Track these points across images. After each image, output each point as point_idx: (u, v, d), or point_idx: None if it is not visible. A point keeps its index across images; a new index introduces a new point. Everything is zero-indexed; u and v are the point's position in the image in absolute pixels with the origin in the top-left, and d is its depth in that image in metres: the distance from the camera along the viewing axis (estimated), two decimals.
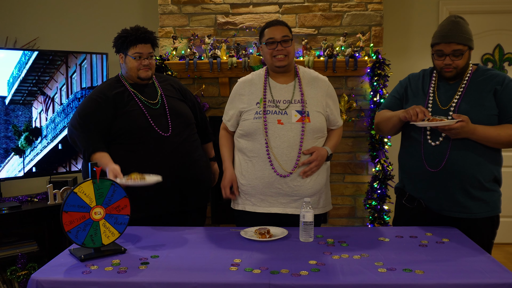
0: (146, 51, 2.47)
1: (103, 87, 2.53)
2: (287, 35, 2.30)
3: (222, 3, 3.75)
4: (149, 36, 2.49)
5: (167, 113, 2.51)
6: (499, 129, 2.13)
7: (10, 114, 3.29)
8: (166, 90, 2.60)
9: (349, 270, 1.72)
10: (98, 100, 2.46)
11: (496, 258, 1.87)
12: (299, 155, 2.27)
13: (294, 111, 2.29)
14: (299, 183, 2.28)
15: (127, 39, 2.45)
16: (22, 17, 4.20)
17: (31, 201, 3.31)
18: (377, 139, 3.63)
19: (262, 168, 2.29)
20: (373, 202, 3.61)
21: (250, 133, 2.31)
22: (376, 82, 3.58)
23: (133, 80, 2.53)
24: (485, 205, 2.19)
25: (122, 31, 2.50)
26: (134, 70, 2.48)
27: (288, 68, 2.35)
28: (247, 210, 2.36)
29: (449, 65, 2.18)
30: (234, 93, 2.44)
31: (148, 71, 2.50)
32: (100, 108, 2.44)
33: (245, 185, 2.35)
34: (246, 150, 2.35)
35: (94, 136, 2.41)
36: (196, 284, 1.62)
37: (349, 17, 3.72)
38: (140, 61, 2.47)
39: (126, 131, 2.44)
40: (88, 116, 2.44)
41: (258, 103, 2.33)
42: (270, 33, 2.31)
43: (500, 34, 4.21)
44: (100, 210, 1.88)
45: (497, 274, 1.67)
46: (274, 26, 2.32)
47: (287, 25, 2.37)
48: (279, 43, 2.29)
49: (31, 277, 1.67)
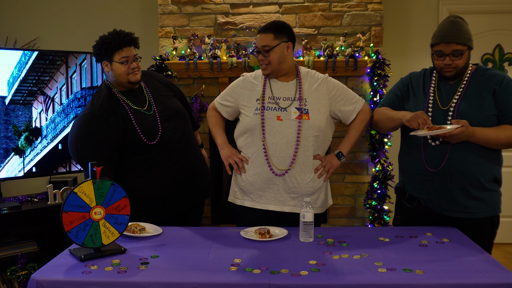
0: (132, 54, 2.36)
1: (93, 114, 2.34)
2: (267, 45, 2.27)
3: (222, 3, 3.75)
4: (132, 38, 2.38)
5: (157, 116, 2.42)
6: (498, 131, 2.13)
7: (10, 114, 3.29)
8: (155, 89, 2.54)
9: (349, 270, 1.72)
10: (100, 133, 2.32)
11: (496, 258, 1.87)
12: (295, 152, 2.27)
13: (294, 108, 2.29)
14: (297, 180, 2.29)
15: (111, 45, 2.31)
16: (22, 17, 4.20)
17: (31, 201, 3.31)
18: (377, 139, 3.63)
19: (260, 164, 2.30)
20: (373, 202, 3.61)
21: (249, 129, 2.33)
22: (376, 82, 3.58)
23: (124, 86, 2.42)
24: (485, 205, 2.19)
25: (102, 38, 2.35)
26: (123, 75, 2.36)
27: (277, 74, 2.34)
28: (245, 205, 2.37)
29: (449, 65, 2.18)
30: (236, 85, 2.44)
31: (137, 73, 2.39)
32: (108, 139, 2.33)
33: (244, 181, 2.36)
34: (245, 147, 2.36)
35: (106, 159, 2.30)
36: (196, 284, 1.62)
37: (349, 17, 3.72)
38: (128, 65, 2.35)
39: (135, 144, 2.36)
40: (93, 157, 2.22)
41: (258, 100, 2.34)
42: (256, 41, 2.35)
43: (500, 34, 4.21)
44: (100, 210, 1.88)
45: (497, 274, 1.67)
46: (260, 33, 2.32)
47: (277, 28, 2.29)
48: (260, 52, 2.30)
49: (31, 277, 1.67)
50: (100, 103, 2.37)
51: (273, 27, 2.31)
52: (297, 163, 2.28)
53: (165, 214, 2.48)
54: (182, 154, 2.48)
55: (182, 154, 2.48)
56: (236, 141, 2.43)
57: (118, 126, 2.34)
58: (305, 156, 2.29)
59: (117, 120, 2.35)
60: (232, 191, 2.47)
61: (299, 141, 2.27)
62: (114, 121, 2.34)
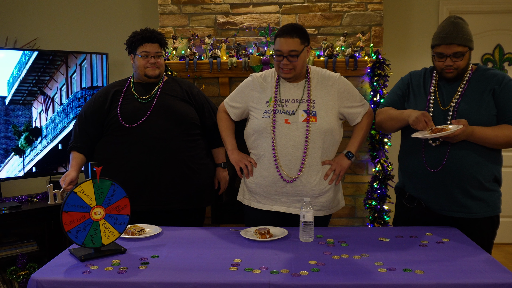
0: (153, 50, 2.55)
1: (110, 84, 2.71)
2: (295, 49, 2.21)
3: (222, 3, 3.75)
4: (156, 36, 2.57)
5: (150, 108, 2.52)
6: (497, 130, 2.13)
7: (10, 114, 3.29)
8: (169, 89, 2.61)
9: (349, 270, 1.72)
10: (97, 95, 2.63)
11: (496, 258, 1.87)
12: (304, 155, 2.26)
13: (302, 110, 2.28)
14: (302, 183, 2.28)
15: (135, 40, 2.56)
16: (22, 17, 4.19)
17: (31, 201, 3.31)
18: (377, 139, 3.62)
19: (267, 167, 2.30)
20: (373, 202, 3.61)
21: (258, 131, 2.32)
22: (376, 82, 3.58)
23: (141, 79, 2.61)
24: (485, 205, 2.19)
25: (132, 33, 2.61)
26: (141, 68, 2.56)
27: (297, 78, 2.33)
28: (252, 206, 2.38)
29: (450, 66, 2.17)
30: (246, 87, 2.43)
31: (156, 69, 2.57)
32: (95, 104, 2.58)
33: (251, 183, 2.37)
34: (254, 148, 2.37)
35: (80, 133, 2.58)
36: (196, 284, 1.62)
37: (349, 17, 3.72)
38: (147, 59, 2.54)
39: (108, 124, 2.54)
40: (83, 112, 2.62)
41: (268, 102, 2.33)
42: (279, 45, 2.24)
43: (500, 34, 4.21)
44: (100, 210, 1.88)
45: (497, 274, 1.67)
46: (284, 37, 2.22)
47: (301, 32, 2.25)
48: (285, 57, 2.23)
49: (31, 277, 1.67)
50: (110, 84, 2.73)
51: (298, 31, 2.24)
52: (304, 166, 2.27)
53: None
54: (156, 152, 2.46)
55: (156, 151, 2.46)
56: (246, 141, 2.44)
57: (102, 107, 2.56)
58: (312, 159, 2.27)
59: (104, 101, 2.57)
60: (241, 190, 2.48)
61: (308, 144, 2.26)
62: (101, 101, 2.57)
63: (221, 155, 2.73)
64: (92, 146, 2.58)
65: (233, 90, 2.48)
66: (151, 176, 2.47)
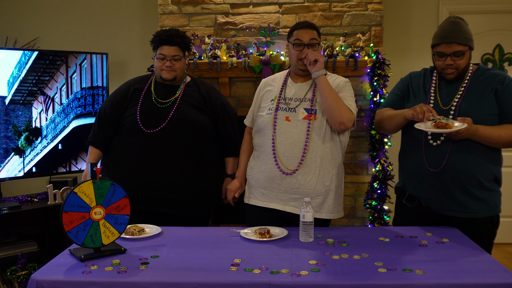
0: (170, 53, 2.50)
1: (131, 80, 2.71)
2: (315, 38, 2.30)
3: (222, 3, 3.75)
4: (174, 39, 2.49)
5: (170, 115, 2.50)
6: (500, 130, 2.13)
7: (10, 114, 3.29)
8: (189, 96, 2.58)
9: (349, 270, 1.72)
10: (117, 92, 2.65)
11: (496, 258, 1.87)
12: (303, 153, 2.27)
13: (302, 109, 2.30)
14: (299, 181, 2.28)
15: (155, 41, 2.54)
16: (22, 17, 4.20)
17: (31, 201, 3.31)
18: (377, 139, 3.63)
19: (266, 163, 2.32)
20: (373, 202, 3.61)
21: (261, 128, 2.36)
22: (376, 82, 3.58)
23: (158, 79, 2.61)
24: (485, 205, 2.19)
25: (156, 32, 2.57)
26: (157, 70, 2.55)
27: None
28: (250, 203, 2.39)
29: (450, 65, 2.17)
30: (258, 92, 2.51)
31: (171, 72, 2.52)
32: (114, 102, 2.61)
33: (251, 178, 2.40)
34: (257, 145, 2.41)
35: (98, 128, 2.63)
36: (196, 284, 1.62)
37: (349, 17, 3.72)
38: (163, 62, 2.51)
39: (125, 121, 2.55)
40: (103, 108, 2.65)
41: (273, 100, 2.38)
42: (298, 35, 2.31)
43: (500, 34, 4.21)
44: (100, 210, 1.88)
45: (497, 274, 1.67)
46: (303, 28, 2.31)
47: (317, 28, 2.35)
48: (306, 45, 2.29)
49: (31, 277, 1.67)
50: (133, 79, 2.72)
51: (315, 27, 2.35)
52: (303, 164, 2.27)
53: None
54: (165, 157, 2.48)
55: (166, 156, 2.48)
56: (253, 139, 2.47)
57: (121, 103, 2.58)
58: (311, 157, 2.26)
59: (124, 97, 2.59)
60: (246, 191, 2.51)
61: (308, 142, 2.27)
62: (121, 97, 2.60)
63: (231, 165, 2.70)
64: (109, 141, 2.62)
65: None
66: (156, 178, 2.48)
